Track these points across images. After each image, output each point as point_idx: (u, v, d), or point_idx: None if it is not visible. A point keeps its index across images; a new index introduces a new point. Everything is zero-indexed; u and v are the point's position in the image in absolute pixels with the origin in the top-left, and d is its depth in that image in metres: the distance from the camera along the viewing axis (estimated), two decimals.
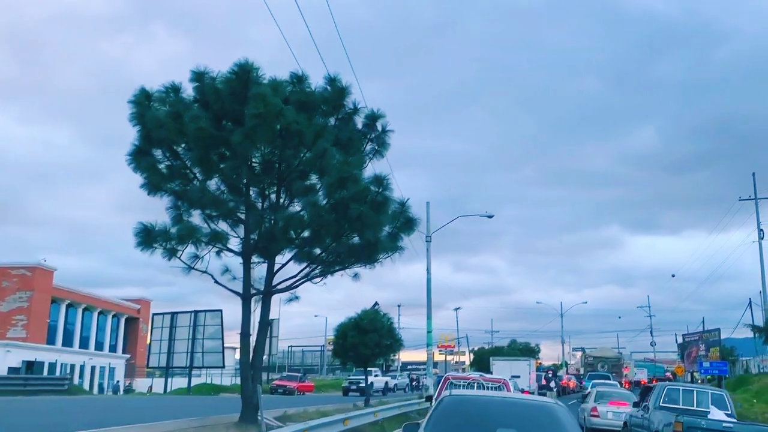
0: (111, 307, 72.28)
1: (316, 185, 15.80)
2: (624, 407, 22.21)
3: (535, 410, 7.67)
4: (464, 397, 8.52)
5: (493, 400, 8.47)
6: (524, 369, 38.70)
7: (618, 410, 22.29)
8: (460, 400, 7.94)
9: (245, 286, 16.74)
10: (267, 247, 16.92)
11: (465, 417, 7.19)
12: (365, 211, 14.62)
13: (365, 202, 14.69)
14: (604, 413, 22.70)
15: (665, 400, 16.45)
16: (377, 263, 17.46)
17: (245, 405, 16.48)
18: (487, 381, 17.59)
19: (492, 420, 7.05)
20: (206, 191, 15.23)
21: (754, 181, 55.42)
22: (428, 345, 37.54)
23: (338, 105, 16.95)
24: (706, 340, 62.56)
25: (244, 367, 16.77)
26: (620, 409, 22.23)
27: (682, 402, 16.37)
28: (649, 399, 17.32)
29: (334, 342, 32.36)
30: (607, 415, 22.38)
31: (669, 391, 17.00)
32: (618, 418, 21.88)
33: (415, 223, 17.47)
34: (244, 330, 16.85)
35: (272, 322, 63.44)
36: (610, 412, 22.53)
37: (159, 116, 15.41)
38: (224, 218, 16.09)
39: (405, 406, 26.46)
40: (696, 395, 16.68)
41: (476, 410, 7.41)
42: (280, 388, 49.32)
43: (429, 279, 38.49)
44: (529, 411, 7.67)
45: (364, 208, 14.61)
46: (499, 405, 7.86)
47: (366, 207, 14.65)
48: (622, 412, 21.89)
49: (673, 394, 16.81)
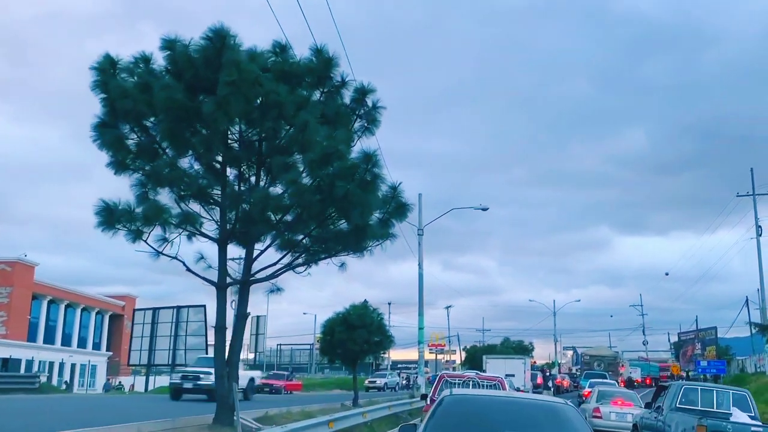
0: (95, 303, 70.64)
1: (298, 162, 14.25)
2: (628, 407, 21.35)
3: (544, 411, 7.13)
4: (466, 396, 7.80)
5: (498, 400, 7.88)
6: (519, 367, 37.45)
7: (621, 411, 21.26)
8: (461, 400, 7.34)
9: (221, 275, 15.24)
10: (245, 232, 15.46)
11: (467, 418, 6.75)
12: (352, 189, 13.15)
13: (352, 180, 13.21)
14: (606, 414, 21.50)
15: (682, 401, 15.06)
16: (366, 252, 16.02)
17: (220, 405, 15.00)
18: (483, 379, 17.07)
19: (497, 422, 6.66)
20: (175, 167, 13.69)
21: (752, 176, 54.53)
22: (420, 342, 36.05)
23: (324, 77, 15.47)
24: (702, 338, 61.56)
25: (218, 364, 15.27)
26: (624, 410, 21.21)
27: (701, 403, 14.99)
28: (664, 399, 15.99)
29: (321, 339, 30.70)
30: (610, 416, 21.24)
31: (687, 391, 15.59)
32: (622, 419, 20.77)
33: (408, 208, 16.03)
34: (219, 323, 15.35)
35: (259, 319, 61.87)
36: (613, 412, 21.41)
37: (125, 86, 13.89)
38: (196, 199, 14.57)
39: (396, 405, 24.97)
40: (716, 395, 15.27)
41: (479, 411, 6.95)
42: (267, 387, 47.75)
43: (421, 274, 37.10)
44: (537, 412, 7.14)
45: (350, 187, 13.14)
46: (503, 405, 7.36)
47: (353, 185, 13.18)
48: (626, 413, 20.89)
49: (691, 394, 15.43)
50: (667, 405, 15.42)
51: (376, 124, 15.98)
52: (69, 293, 65.20)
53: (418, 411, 27.02)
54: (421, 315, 35.79)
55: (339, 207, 13.57)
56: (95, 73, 13.95)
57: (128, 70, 14.51)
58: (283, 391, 47.72)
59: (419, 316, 35.98)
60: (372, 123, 15.95)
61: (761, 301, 54.69)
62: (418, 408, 27.46)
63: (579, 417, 7.01)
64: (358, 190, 13.36)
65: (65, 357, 56.24)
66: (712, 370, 49.88)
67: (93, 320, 70.58)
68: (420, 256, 37.09)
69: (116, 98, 13.79)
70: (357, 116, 15.94)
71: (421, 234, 37.18)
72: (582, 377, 54.24)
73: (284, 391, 47.87)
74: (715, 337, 60.48)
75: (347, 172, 13.21)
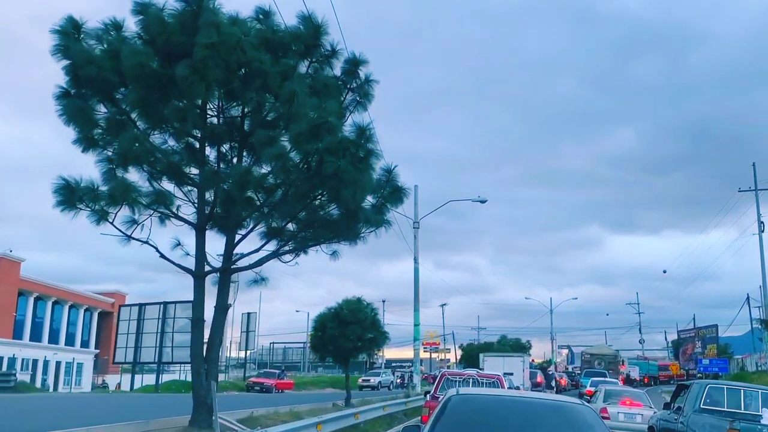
0: (83, 300, 69.04)
1: (283, 136, 12.78)
2: (637, 408, 20.15)
3: (559, 412, 6.60)
4: (474, 396, 7.36)
5: (508, 399, 7.38)
6: (518, 365, 36.18)
7: (630, 411, 20.02)
8: (469, 399, 6.93)
9: (198, 263, 13.84)
10: (225, 216, 14.08)
11: (476, 419, 6.37)
12: (343, 166, 11.74)
13: (343, 156, 11.81)
14: (615, 415, 20.06)
15: (707, 402, 13.70)
16: (359, 239, 14.67)
17: (197, 406, 13.60)
18: (482, 377, 17.32)
19: (509, 423, 6.31)
20: (144, 140, 12.24)
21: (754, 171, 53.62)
22: (415, 339, 34.67)
23: (312, 45, 14.04)
24: (702, 336, 60.36)
25: (195, 360, 13.87)
26: (633, 410, 20.00)
27: (727, 404, 13.61)
28: (685, 400, 14.60)
29: (312, 335, 29.07)
30: (619, 417, 19.88)
31: (711, 391, 14.20)
32: (631, 420, 19.57)
33: (404, 193, 14.67)
34: (196, 315, 13.96)
35: (250, 316, 60.35)
36: (621, 413, 20.09)
37: (89, 51, 12.46)
38: (171, 178, 13.16)
39: (391, 405, 23.59)
40: (743, 395, 13.83)
41: (489, 411, 6.57)
42: (257, 386, 46.41)
43: (416, 269, 35.77)
44: (551, 413, 6.61)
45: (342, 163, 11.73)
46: (514, 405, 6.87)
47: (345, 162, 11.78)
48: (635, 414, 19.74)
49: (716, 394, 14.06)
50: (690, 406, 14.10)
51: (369, 99, 14.58)
52: (56, 290, 63.58)
53: (415, 411, 25.72)
54: (417, 310, 34.49)
55: (329, 186, 12.17)
56: (57, 37, 12.47)
57: (97, 38, 13.07)
58: (273, 390, 46.36)
59: (415, 311, 34.68)
60: (365, 97, 14.55)
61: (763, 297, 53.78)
62: (414, 408, 26.12)
63: (597, 419, 6.47)
64: (350, 167, 11.96)
65: (49, 355, 54.57)
66: (714, 368, 48.75)
67: (81, 318, 68.98)
68: (416, 250, 35.80)
69: (80, 65, 12.35)
70: (348, 89, 14.53)
71: (416, 227, 35.89)
72: (582, 376, 53.32)
73: (275, 390, 46.52)
74: (715, 335, 59.34)
75: (338, 147, 11.80)
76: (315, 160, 12.04)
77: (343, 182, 12.07)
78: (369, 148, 12.14)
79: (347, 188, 12.32)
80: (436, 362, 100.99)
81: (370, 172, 12.57)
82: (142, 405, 23.68)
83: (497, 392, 10.97)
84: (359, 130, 12.05)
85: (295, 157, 12.20)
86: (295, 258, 15.43)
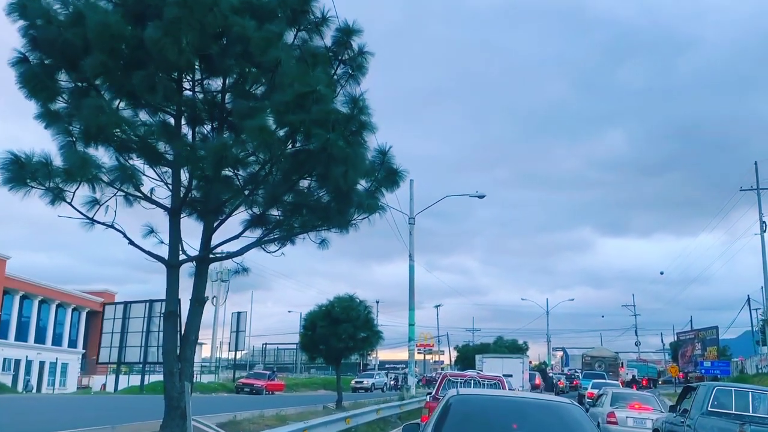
0: (71, 299, 67.62)
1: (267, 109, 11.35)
2: (647, 412, 19.27)
3: (554, 411, 7.08)
4: (474, 397, 7.86)
5: (506, 400, 7.79)
6: (517, 367, 35.35)
7: (640, 416, 19.20)
8: (469, 400, 7.38)
9: (172, 251, 12.47)
10: (203, 199, 12.74)
11: (477, 419, 6.78)
12: (333, 139, 10.40)
13: (333, 129, 10.45)
14: (623, 420, 19.22)
15: (714, 404, 13.19)
16: (350, 227, 13.35)
17: (169, 410, 12.21)
18: (484, 378, 17.32)
19: (507, 422, 6.67)
20: (110, 110, 10.83)
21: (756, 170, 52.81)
22: (410, 339, 33.27)
23: (301, 11, 12.63)
24: (702, 338, 59.15)
25: (168, 358, 12.49)
26: (642, 415, 19.16)
27: (735, 406, 13.12)
28: (692, 402, 14.00)
29: (302, 334, 27.49)
30: (627, 422, 19.13)
31: (719, 393, 13.64)
32: (641, 425, 18.76)
33: (400, 176, 13.34)
34: (169, 308, 12.59)
35: (240, 315, 58.89)
36: (630, 418, 19.27)
37: (50, 9, 11.09)
38: (141, 154, 11.77)
39: (385, 409, 22.20)
40: (752, 398, 13.36)
41: (489, 411, 6.98)
42: (247, 387, 45.05)
43: (411, 266, 34.41)
44: (546, 412, 7.10)
45: (331, 136, 10.38)
46: (512, 405, 7.31)
47: (334, 135, 10.43)
48: (645, 418, 18.82)
49: (724, 396, 13.55)
50: (697, 408, 13.57)
51: (362, 72, 13.15)
52: (43, 288, 62.19)
53: (410, 415, 24.42)
54: (412, 309, 33.09)
55: (317, 163, 10.83)
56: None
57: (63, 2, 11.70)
58: (264, 391, 45.03)
59: (410, 310, 33.28)
60: (357, 70, 13.11)
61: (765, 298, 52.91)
62: (409, 411, 24.79)
63: (586, 417, 7.04)
64: (341, 142, 10.62)
65: (32, 355, 53.06)
66: (716, 371, 47.56)
67: (69, 317, 67.61)
68: (411, 246, 34.49)
69: (38, 25, 11.00)
70: (339, 61, 13.14)
71: (412, 223, 34.59)
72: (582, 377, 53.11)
73: (265, 391, 45.18)
74: (716, 337, 58.15)
75: (327, 119, 10.44)
76: (301, 134, 10.71)
77: (332, 158, 10.73)
78: (362, 121, 10.80)
79: (338, 166, 10.99)
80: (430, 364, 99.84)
81: (363, 149, 11.23)
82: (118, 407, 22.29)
83: (495, 393, 10.88)
84: (351, 101, 10.69)
85: (279, 132, 10.81)
86: (281, 248, 14.13)
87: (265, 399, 37.40)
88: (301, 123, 10.52)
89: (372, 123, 10.92)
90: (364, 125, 10.81)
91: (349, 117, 10.71)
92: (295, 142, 10.86)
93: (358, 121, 10.75)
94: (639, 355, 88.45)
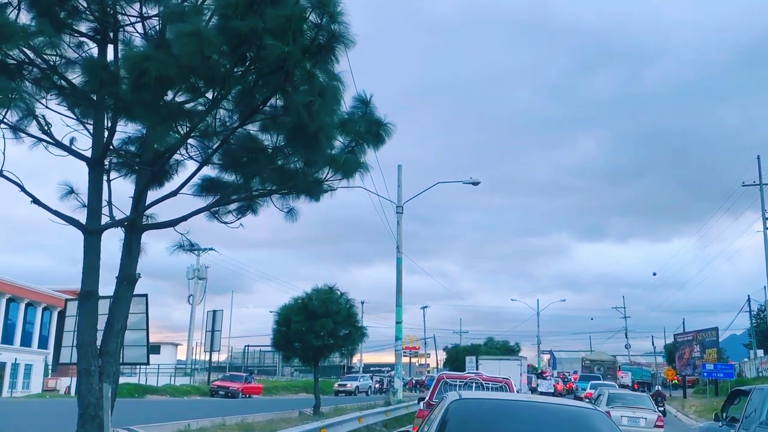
0: (42, 298, 64.32)
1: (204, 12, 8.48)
2: (641, 411, 20.43)
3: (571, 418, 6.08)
4: (478, 401, 6.64)
5: (515, 404, 6.66)
6: (515, 369, 33.53)
7: (634, 415, 20.27)
8: (471, 405, 6.28)
9: (92, 213, 9.66)
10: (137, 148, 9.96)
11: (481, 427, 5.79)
12: (293, 53, 7.60)
13: (293, 41, 7.66)
14: (618, 419, 19.30)
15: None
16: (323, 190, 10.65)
17: (84, 419, 9.40)
18: (487, 381, 15.11)
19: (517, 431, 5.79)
20: None
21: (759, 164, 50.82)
22: (397, 338, 30.42)
23: None
24: (701, 340, 56.63)
25: (84, 352, 9.69)
26: (636, 414, 20.30)
27: None
28: (745, 409, 11.91)
29: (275, 330, 24.32)
30: (622, 421, 19.59)
31: None
32: (635, 424, 19.81)
33: (386, 130, 10.61)
34: (87, 287, 9.79)
35: (216, 314, 55.76)
36: (625, 417, 20.03)
37: None
38: (43, 84, 8.90)
39: (368, 416, 19.32)
40: None
41: (495, 419, 5.93)
42: (221, 390, 42.13)
43: (399, 259, 31.61)
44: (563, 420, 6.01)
45: (290, 50, 7.59)
46: (522, 411, 6.23)
47: (295, 48, 7.63)
48: (638, 418, 20.05)
49: None
50: (756, 417, 11.34)
51: None
52: (10, 286, 58.99)
53: (397, 422, 21.67)
54: (399, 306, 30.27)
55: (269, 82, 8.02)
56: None
57: None
58: (240, 395, 42.16)
59: (397, 307, 30.46)
60: None
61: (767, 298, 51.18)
62: (396, 418, 21.99)
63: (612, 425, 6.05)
64: (303, 59, 7.86)
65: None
66: (719, 374, 45.04)
67: (39, 316, 64.40)
68: (399, 237, 31.67)
69: None
70: None
71: (400, 212, 31.81)
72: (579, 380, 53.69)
73: (242, 395, 42.28)
74: (716, 338, 55.61)
75: (285, 26, 7.62)
76: (252, 48, 7.90)
77: (291, 80, 7.96)
78: (333, 31, 7.99)
79: (299, 93, 8.23)
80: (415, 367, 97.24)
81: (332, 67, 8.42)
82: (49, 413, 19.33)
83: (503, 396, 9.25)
84: (318, 3, 7.86)
85: (220, 44, 7.95)
86: (240, 218, 11.40)
87: (238, 403, 34.60)
88: (251, 33, 7.71)
89: (348, 35, 8.10)
90: (336, 36, 8.00)
91: (316, 27, 7.91)
92: (245, 59, 8.04)
93: (328, 31, 7.94)
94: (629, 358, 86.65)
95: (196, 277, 58.17)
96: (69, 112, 9.58)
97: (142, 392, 40.60)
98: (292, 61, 7.72)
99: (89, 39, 9.62)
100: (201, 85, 8.34)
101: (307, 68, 8.02)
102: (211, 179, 11.11)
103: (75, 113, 9.69)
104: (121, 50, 9.02)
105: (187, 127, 8.96)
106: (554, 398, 12.51)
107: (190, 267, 59.70)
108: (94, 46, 9.65)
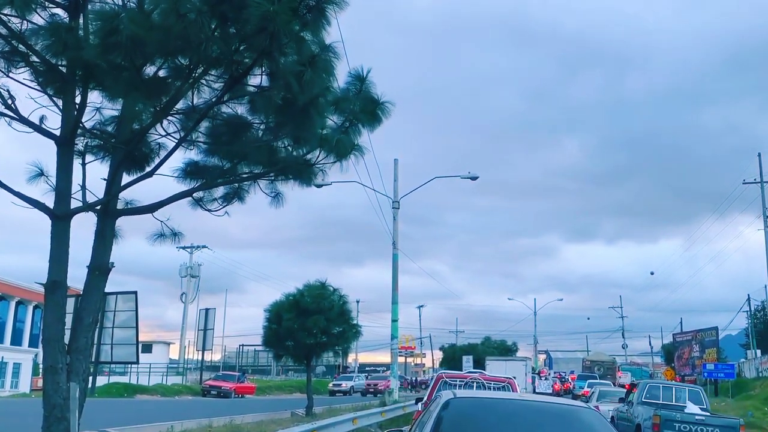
0: (32, 296, 63.52)
1: None
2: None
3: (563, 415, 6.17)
4: (475, 400, 6.73)
5: (511, 403, 6.79)
6: (520, 370, 34.15)
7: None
8: (469, 404, 6.34)
9: (60, 196, 8.80)
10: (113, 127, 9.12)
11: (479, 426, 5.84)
12: (279, 11, 6.77)
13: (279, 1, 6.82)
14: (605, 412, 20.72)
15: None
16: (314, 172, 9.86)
17: (49, 421, 8.52)
18: (490, 380, 14.89)
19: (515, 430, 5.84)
20: None
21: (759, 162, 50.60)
22: (393, 337, 29.62)
23: None
24: (700, 340, 56.09)
25: (50, 347, 8.79)
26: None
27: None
28: (634, 396, 19.51)
29: (265, 328, 23.42)
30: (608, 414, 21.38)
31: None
32: None
33: (382, 108, 9.77)
34: (54, 277, 8.90)
35: (208, 312, 54.84)
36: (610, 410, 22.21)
37: None
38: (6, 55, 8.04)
39: (363, 417, 18.51)
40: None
41: (493, 418, 5.94)
42: (214, 390, 41.35)
43: (395, 255, 30.86)
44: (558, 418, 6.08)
45: (275, 8, 6.75)
46: (519, 410, 6.32)
47: (280, 6, 6.80)
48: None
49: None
50: (637, 399, 18.48)
51: None
52: (0, 284, 58.27)
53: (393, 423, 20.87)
54: (395, 303, 29.49)
55: (251, 45, 7.18)
56: None
57: None
58: (233, 394, 41.44)
59: (393, 305, 29.70)
60: None
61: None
62: (392, 419, 21.21)
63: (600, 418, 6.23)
64: (290, 20, 7.01)
65: None
66: (720, 374, 44.48)
67: (30, 314, 63.61)
68: (395, 233, 30.92)
69: None
70: None
71: (396, 207, 31.04)
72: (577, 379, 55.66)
73: (234, 394, 41.53)
74: (716, 338, 55.04)
75: None
76: (234, 7, 7.06)
77: (278, 45, 7.12)
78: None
79: (287, 60, 7.39)
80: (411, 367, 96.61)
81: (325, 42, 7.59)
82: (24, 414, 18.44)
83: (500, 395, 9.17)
84: None
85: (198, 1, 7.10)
86: (225, 206, 10.58)
87: (230, 403, 33.85)
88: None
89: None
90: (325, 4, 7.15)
91: None
92: (227, 20, 7.19)
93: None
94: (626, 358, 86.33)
95: (189, 275, 57.34)
96: (40, 87, 8.76)
97: (131, 392, 39.79)
98: (278, 21, 6.88)
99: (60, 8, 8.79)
100: (177, 48, 7.48)
101: (295, 30, 7.18)
102: (195, 163, 10.29)
103: (46, 91, 8.84)
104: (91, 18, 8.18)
105: (165, 101, 8.10)
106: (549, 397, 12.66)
107: (183, 265, 58.94)
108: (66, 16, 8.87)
